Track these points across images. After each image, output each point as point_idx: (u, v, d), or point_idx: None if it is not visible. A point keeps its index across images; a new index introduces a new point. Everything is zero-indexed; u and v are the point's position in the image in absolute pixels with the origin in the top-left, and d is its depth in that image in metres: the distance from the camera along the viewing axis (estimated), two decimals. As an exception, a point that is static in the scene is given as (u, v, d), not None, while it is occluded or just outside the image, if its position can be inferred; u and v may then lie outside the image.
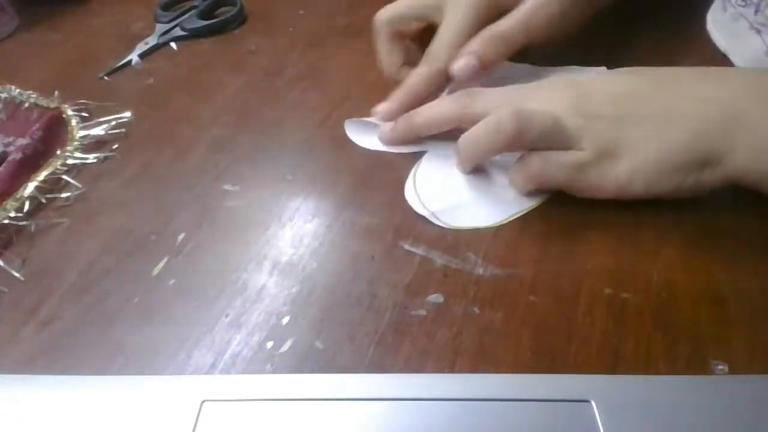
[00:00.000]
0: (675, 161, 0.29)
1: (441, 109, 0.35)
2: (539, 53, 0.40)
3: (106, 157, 0.39)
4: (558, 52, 0.40)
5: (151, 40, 0.50)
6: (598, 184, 0.30)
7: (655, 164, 0.29)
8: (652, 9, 0.48)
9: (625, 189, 0.30)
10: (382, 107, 0.38)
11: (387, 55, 0.41)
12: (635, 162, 0.29)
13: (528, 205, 0.33)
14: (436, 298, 0.29)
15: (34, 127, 0.40)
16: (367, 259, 0.31)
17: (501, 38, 0.36)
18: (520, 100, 0.33)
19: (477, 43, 0.36)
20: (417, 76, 0.38)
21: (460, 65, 0.36)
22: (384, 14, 0.40)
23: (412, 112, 0.37)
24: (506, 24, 0.37)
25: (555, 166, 0.31)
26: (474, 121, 0.32)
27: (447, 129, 0.35)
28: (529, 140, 0.31)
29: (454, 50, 0.37)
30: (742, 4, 0.39)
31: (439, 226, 0.32)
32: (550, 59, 0.41)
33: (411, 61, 0.40)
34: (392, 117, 0.38)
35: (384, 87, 0.43)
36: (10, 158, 0.38)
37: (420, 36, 0.41)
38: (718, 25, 0.43)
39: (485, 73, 0.36)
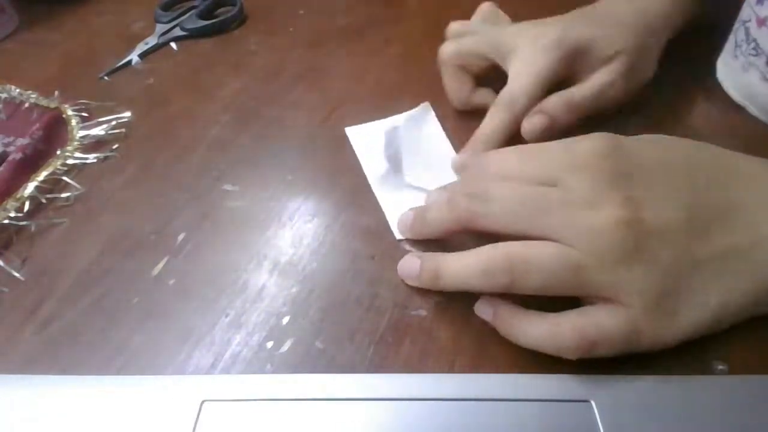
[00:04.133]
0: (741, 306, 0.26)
1: (444, 215, 0.29)
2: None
3: (106, 157, 0.39)
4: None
5: (151, 40, 0.50)
6: (652, 346, 0.25)
7: (720, 313, 0.25)
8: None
9: (686, 339, 0.25)
10: (462, 158, 0.34)
11: (457, 84, 0.39)
12: (697, 317, 0.25)
13: None
14: (436, 297, 0.29)
15: (34, 127, 0.40)
16: (367, 259, 0.31)
17: (576, 106, 0.35)
18: (549, 217, 0.26)
19: (552, 105, 0.35)
20: (496, 123, 0.35)
21: (533, 123, 0.35)
22: (448, 48, 0.39)
23: (421, 213, 0.31)
24: (581, 93, 0.36)
25: (604, 340, 0.24)
26: (483, 230, 0.28)
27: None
28: (525, 291, 0.26)
29: (532, 98, 0.35)
30: (753, 53, 0.35)
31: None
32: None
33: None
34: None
35: (384, 87, 0.43)
36: (10, 158, 0.38)
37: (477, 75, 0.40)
38: (729, 74, 0.39)
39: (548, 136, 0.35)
